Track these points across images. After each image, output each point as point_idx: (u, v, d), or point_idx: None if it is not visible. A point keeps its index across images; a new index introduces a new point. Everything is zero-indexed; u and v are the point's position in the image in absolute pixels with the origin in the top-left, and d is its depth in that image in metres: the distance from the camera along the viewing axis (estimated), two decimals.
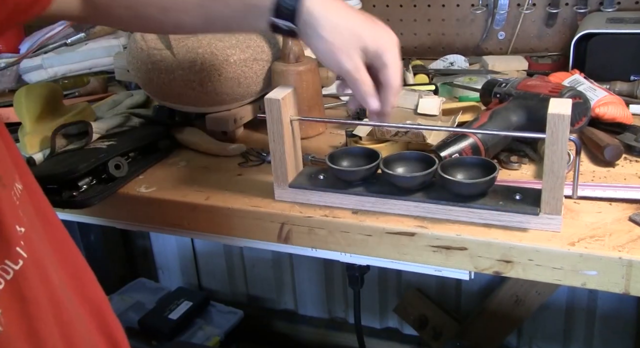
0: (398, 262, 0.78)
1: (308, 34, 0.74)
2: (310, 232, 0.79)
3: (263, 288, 1.92)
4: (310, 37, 0.74)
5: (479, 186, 0.73)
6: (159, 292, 1.80)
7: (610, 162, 0.86)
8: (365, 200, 0.78)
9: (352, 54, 0.73)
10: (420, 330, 1.67)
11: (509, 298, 1.49)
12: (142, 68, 1.01)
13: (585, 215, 0.74)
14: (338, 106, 1.17)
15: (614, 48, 1.11)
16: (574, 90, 0.86)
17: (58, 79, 1.34)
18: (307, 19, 0.73)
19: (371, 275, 1.69)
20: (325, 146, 0.99)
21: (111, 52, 1.36)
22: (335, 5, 0.74)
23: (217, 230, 0.85)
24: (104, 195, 0.86)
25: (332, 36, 0.73)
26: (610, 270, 0.67)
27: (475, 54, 1.38)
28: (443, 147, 0.83)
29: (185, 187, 0.88)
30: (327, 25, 0.73)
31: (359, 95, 0.75)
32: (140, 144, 0.96)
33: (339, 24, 0.73)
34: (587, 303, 1.55)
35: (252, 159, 0.96)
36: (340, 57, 0.73)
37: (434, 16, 1.40)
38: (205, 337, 1.63)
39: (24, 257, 0.51)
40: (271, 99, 0.76)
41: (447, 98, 1.16)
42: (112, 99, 1.18)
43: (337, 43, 0.73)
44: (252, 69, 1.01)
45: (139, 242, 2.01)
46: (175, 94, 1.00)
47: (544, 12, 1.31)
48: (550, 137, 0.67)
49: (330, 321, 1.89)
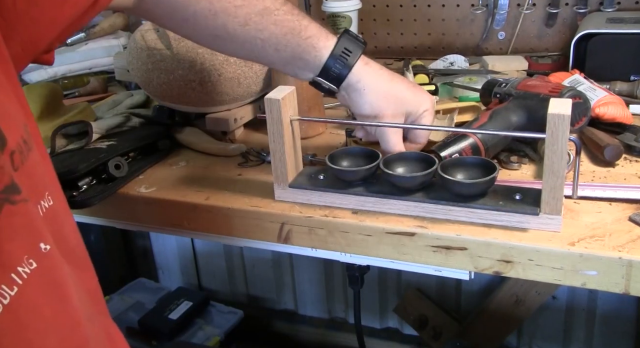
0: (398, 262, 0.78)
1: (352, 99, 0.80)
2: (310, 232, 0.79)
3: (263, 288, 1.92)
4: (354, 102, 0.80)
5: (479, 186, 0.73)
6: (159, 292, 1.80)
7: (610, 162, 0.86)
8: (365, 200, 0.78)
9: (397, 119, 0.81)
10: (420, 330, 1.67)
11: (509, 298, 1.49)
12: (142, 68, 1.01)
13: (585, 215, 0.74)
14: (338, 106, 1.17)
15: (614, 48, 1.11)
16: (574, 90, 0.86)
17: (58, 79, 1.34)
18: (354, 84, 0.79)
19: (371, 275, 1.69)
20: (325, 146, 0.99)
21: (111, 52, 1.36)
22: (381, 73, 0.80)
23: (217, 230, 0.85)
24: (104, 195, 0.86)
25: (378, 102, 0.79)
26: (610, 270, 0.67)
27: (475, 54, 1.38)
28: (443, 147, 0.83)
29: (185, 187, 0.88)
30: (374, 91, 0.79)
31: (387, 150, 0.82)
32: (140, 144, 0.96)
33: (385, 91, 0.79)
34: (587, 303, 1.55)
35: (252, 159, 0.96)
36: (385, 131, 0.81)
37: (434, 16, 1.40)
38: (205, 337, 1.62)
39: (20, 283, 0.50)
40: (271, 99, 0.76)
41: (447, 98, 1.16)
42: (112, 99, 1.18)
43: (383, 108, 0.79)
44: (252, 69, 1.01)
45: (139, 242, 2.01)
46: (175, 94, 1.00)
47: (544, 12, 1.31)
48: (550, 137, 0.67)
49: (330, 321, 1.89)
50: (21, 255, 0.50)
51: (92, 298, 0.61)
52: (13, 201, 0.49)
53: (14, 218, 0.49)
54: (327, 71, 0.78)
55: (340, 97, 0.82)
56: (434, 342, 1.64)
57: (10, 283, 0.49)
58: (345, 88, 0.80)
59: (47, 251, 0.52)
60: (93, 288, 0.63)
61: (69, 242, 0.60)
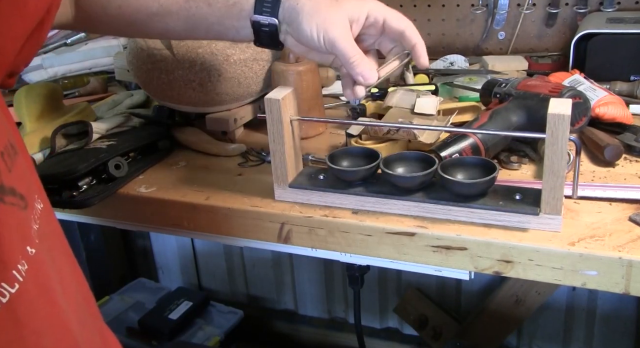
0: (398, 262, 0.78)
1: (295, 27, 0.74)
2: (310, 232, 0.79)
3: (263, 288, 1.92)
4: (298, 27, 0.74)
5: (479, 186, 0.73)
6: (159, 292, 1.80)
7: (610, 162, 0.86)
8: (365, 200, 0.78)
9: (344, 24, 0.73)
10: (420, 330, 1.67)
11: (509, 298, 1.49)
12: (142, 68, 1.01)
13: (585, 215, 0.74)
14: (338, 106, 1.17)
15: (614, 48, 1.11)
16: (574, 90, 0.86)
17: (58, 79, 1.34)
18: (292, 7, 0.73)
19: (371, 275, 1.69)
20: (325, 146, 0.99)
21: (111, 52, 1.36)
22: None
23: (217, 230, 0.85)
24: (104, 195, 0.86)
25: (319, 13, 0.72)
26: (610, 270, 0.67)
27: (475, 54, 1.38)
28: (443, 147, 0.83)
29: (185, 187, 0.88)
30: (311, 8, 0.73)
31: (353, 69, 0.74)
32: (140, 144, 0.96)
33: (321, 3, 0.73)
34: (587, 303, 1.55)
35: (252, 159, 0.96)
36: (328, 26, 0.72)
37: (434, 16, 1.40)
38: (205, 337, 1.62)
39: (21, 280, 0.50)
40: (271, 99, 0.76)
41: (447, 98, 1.16)
42: (112, 99, 1.18)
43: (327, 20, 0.72)
44: (252, 69, 1.01)
45: (139, 242, 2.01)
46: (175, 94, 1.00)
47: (544, 12, 1.31)
48: (550, 137, 0.67)
49: (330, 321, 1.88)
50: (18, 255, 0.50)
51: (83, 301, 0.61)
52: (5, 201, 0.49)
53: (9, 218, 0.49)
54: (260, 3, 0.75)
55: (288, 40, 0.77)
56: (434, 342, 1.64)
57: (12, 280, 0.49)
58: (285, 19, 0.75)
59: (32, 254, 0.52)
60: (84, 292, 0.63)
61: (59, 246, 0.60)
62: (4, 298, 0.48)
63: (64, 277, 0.58)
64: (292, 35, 0.76)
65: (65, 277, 0.58)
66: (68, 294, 0.57)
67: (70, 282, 0.59)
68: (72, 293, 0.59)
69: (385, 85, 1.12)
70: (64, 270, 0.59)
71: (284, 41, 0.78)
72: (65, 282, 0.57)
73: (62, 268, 0.58)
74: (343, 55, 0.73)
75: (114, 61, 1.31)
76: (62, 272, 0.58)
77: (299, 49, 0.78)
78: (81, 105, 1.08)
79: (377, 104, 1.06)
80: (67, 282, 0.58)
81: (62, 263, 0.59)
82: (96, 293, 0.70)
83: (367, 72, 0.74)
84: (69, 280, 0.59)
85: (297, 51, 0.79)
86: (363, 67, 0.74)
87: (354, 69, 0.74)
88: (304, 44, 0.76)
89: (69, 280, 0.59)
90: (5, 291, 0.48)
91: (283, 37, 0.77)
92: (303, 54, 0.79)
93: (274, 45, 0.78)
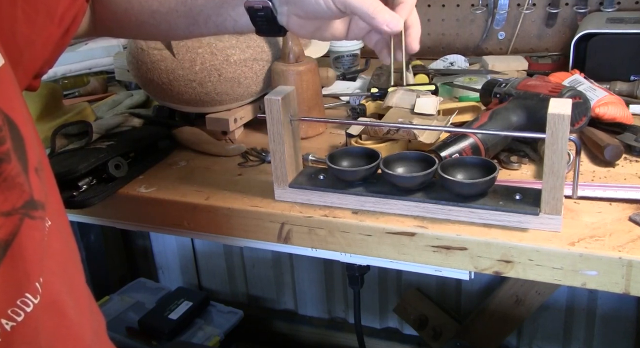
0: (398, 262, 0.78)
1: (293, 1, 0.69)
2: (310, 232, 0.79)
3: (263, 288, 1.92)
4: (295, 3, 0.69)
5: (479, 186, 0.73)
6: (159, 292, 1.80)
7: (610, 162, 0.86)
8: (365, 200, 0.78)
9: None
10: (420, 330, 1.67)
11: (509, 298, 1.49)
12: (142, 68, 1.01)
13: (585, 215, 0.74)
14: (338, 106, 1.17)
15: (614, 48, 1.11)
16: (574, 90, 0.86)
17: (58, 79, 1.34)
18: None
19: (371, 275, 1.69)
20: (325, 146, 0.99)
21: (111, 52, 1.36)
22: None
23: (217, 230, 0.85)
24: (104, 195, 0.86)
25: None
26: (610, 270, 0.67)
27: (475, 54, 1.38)
28: (443, 147, 0.83)
29: (185, 187, 0.88)
30: None
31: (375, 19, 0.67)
32: (140, 144, 0.96)
33: None
34: (587, 303, 1.55)
35: (252, 159, 0.96)
36: None
37: (434, 16, 1.40)
38: (205, 337, 1.62)
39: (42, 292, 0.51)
40: (271, 99, 0.76)
41: (447, 98, 1.16)
42: (112, 99, 1.18)
43: None
44: (252, 69, 1.01)
45: (139, 242, 2.01)
46: (175, 94, 1.00)
47: (544, 12, 1.31)
48: (550, 137, 0.67)
49: (330, 321, 1.89)
50: (40, 267, 0.51)
51: (93, 317, 0.62)
52: (34, 217, 0.50)
53: (35, 232, 0.51)
54: None
55: (292, 22, 0.72)
56: (434, 342, 1.64)
57: (35, 292, 0.50)
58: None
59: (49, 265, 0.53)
60: (94, 311, 0.63)
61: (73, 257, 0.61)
62: (28, 308, 0.49)
63: (74, 287, 0.58)
64: (296, 14, 0.70)
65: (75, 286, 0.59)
66: (81, 305, 0.58)
67: (83, 293, 0.60)
68: (86, 305, 0.59)
69: (385, 85, 1.12)
70: (76, 278, 0.59)
71: (287, 25, 0.72)
72: (75, 292, 0.58)
73: (74, 277, 0.58)
74: (360, 8, 0.66)
75: (114, 61, 1.31)
76: (73, 281, 0.58)
77: (305, 30, 0.73)
78: (81, 105, 1.08)
79: (377, 103, 1.06)
80: (79, 292, 0.59)
81: (73, 271, 0.59)
82: (96, 293, 0.70)
83: (390, 18, 0.68)
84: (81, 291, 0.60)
85: (304, 33, 0.74)
86: (384, 14, 0.67)
87: (376, 18, 0.67)
88: (312, 17, 0.70)
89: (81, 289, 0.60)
90: (29, 301, 0.49)
91: (285, 20, 0.72)
92: (311, 34, 0.74)
93: (275, 32, 0.73)
